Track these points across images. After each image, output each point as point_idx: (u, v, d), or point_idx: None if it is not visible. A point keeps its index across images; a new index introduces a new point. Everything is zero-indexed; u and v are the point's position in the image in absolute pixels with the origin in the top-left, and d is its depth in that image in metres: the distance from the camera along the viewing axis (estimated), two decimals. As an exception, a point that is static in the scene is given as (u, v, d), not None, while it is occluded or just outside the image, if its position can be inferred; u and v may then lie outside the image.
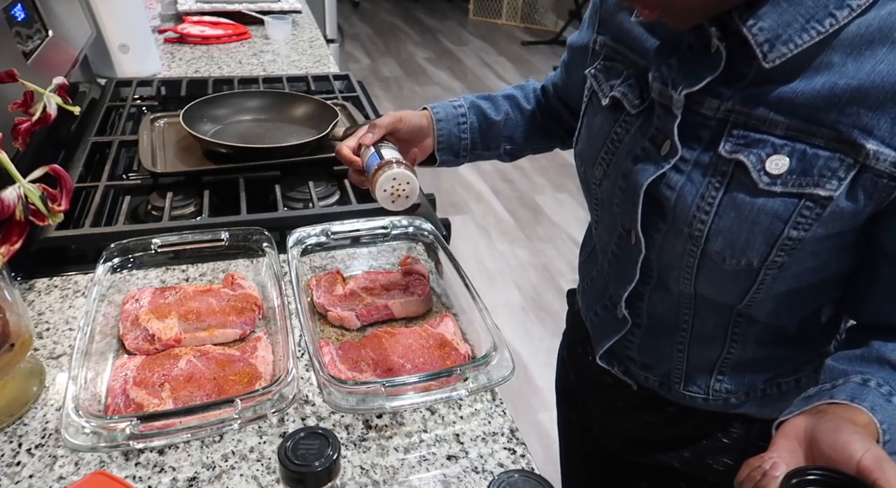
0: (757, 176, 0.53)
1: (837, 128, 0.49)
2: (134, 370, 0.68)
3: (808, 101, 0.50)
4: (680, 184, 0.58)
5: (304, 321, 0.72)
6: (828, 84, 0.49)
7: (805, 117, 0.51)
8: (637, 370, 0.75)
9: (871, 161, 0.49)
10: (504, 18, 6.28)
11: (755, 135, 0.53)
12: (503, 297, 2.48)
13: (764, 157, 0.52)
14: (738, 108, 0.54)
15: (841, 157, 0.50)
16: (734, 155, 0.54)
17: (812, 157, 0.51)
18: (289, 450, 0.43)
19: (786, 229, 0.54)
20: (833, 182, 0.50)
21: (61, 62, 1.16)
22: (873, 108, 0.48)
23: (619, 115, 0.65)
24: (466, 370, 0.66)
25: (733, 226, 0.56)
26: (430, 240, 0.92)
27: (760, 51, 0.50)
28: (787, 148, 0.52)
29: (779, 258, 0.55)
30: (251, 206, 0.96)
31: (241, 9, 2.03)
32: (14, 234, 0.63)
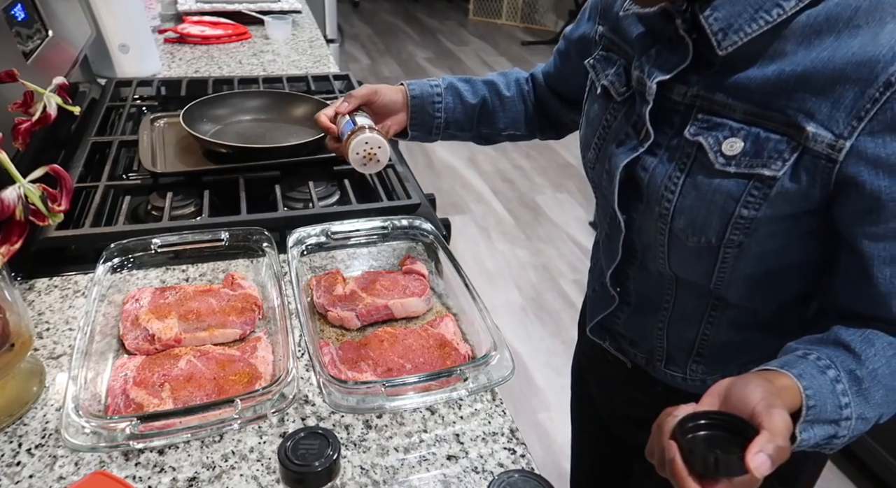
0: (713, 156, 0.57)
1: (786, 112, 0.53)
2: (134, 370, 0.67)
3: (761, 86, 0.54)
4: (653, 166, 0.63)
5: (304, 321, 0.72)
6: (777, 71, 0.53)
7: (759, 102, 0.54)
8: (627, 346, 0.80)
9: (811, 142, 0.52)
10: (504, 18, 6.28)
11: (716, 119, 0.57)
12: (503, 297, 2.48)
13: (721, 140, 0.56)
14: (703, 94, 0.58)
15: (788, 140, 0.53)
16: (696, 137, 0.58)
17: (764, 140, 0.54)
18: (289, 450, 0.43)
19: (737, 208, 0.57)
20: (778, 163, 0.54)
21: (61, 62, 1.16)
22: (816, 92, 0.51)
23: (609, 102, 0.69)
24: (466, 370, 0.66)
25: (693, 206, 0.60)
26: (430, 240, 0.92)
27: (715, 39, 0.54)
28: (743, 131, 0.56)
29: (734, 237, 0.59)
30: (251, 206, 0.96)
31: (241, 9, 2.03)
32: (14, 234, 0.63)
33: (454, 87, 0.91)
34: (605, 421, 0.95)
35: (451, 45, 5.59)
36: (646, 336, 0.76)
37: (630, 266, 0.73)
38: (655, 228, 0.64)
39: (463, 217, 2.98)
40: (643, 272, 0.72)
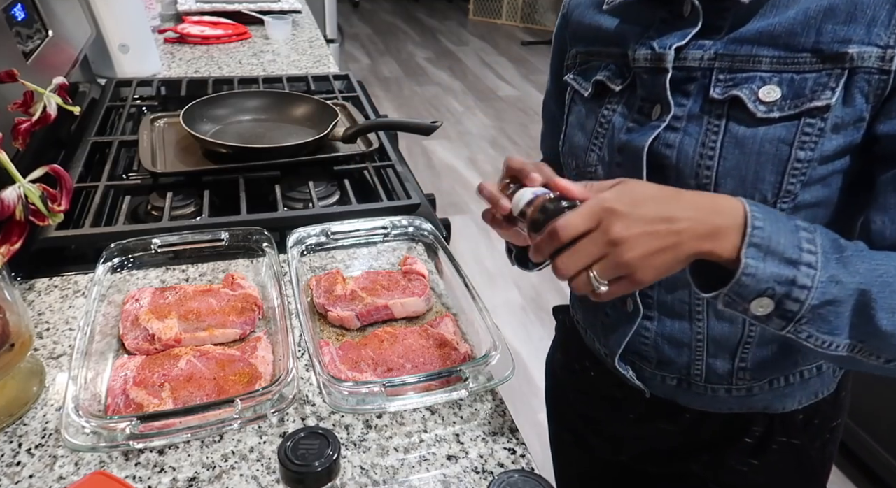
0: (753, 106, 0.55)
1: (818, 48, 0.53)
2: (134, 370, 0.67)
3: (787, 29, 0.54)
4: (678, 140, 0.60)
5: (304, 321, 0.72)
6: (800, 10, 0.53)
7: (786, 46, 0.54)
8: (653, 371, 0.72)
9: (858, 62, 0.52)
10: (504, 18, 6.28)
11: (742, 75, 0.56)
12: (503, 297, 2.48)
13: (756, 89, 0.55)
14: (722, 53, 0.57)
15: (828, 72, 0.53)
16: (727, 93, 0.56)
17: (801, 82, 0.54)
18: (289, 450, 0.43)
19: (793, 151, 0.55)
20: (826, 92, 0.53)
21: (61, 62, 1.16)
22: (846, 21, 0.52)
23: (604, 98, 0.67)
24: (466, 370, 0.66)
25: (740, 164, 0.56)
26: (430, 240, 0.92)
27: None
28: (776, 78, 0.55)
29: (791, 186, 0.56)
30: (251, 206, 0.96)
31: (241, 9, 2.03)
32: (14, 234, 0.63)
33: None
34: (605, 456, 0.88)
35: (451, 45, 5.59)
36: (681, 350, 0.69)
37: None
38: None
39: (463, 217, 2.98)
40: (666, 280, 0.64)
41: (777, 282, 0.47)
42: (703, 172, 0.58)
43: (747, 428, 0.73)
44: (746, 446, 0.73)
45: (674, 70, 0.59)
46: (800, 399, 0.71)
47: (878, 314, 0.48)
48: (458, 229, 2.85)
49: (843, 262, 0.49)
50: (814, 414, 0.72)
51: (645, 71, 0.61)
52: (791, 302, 0.48)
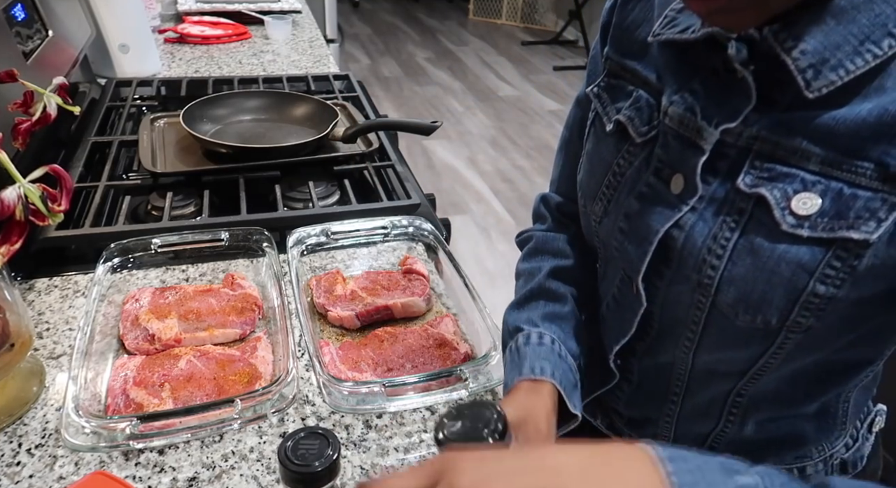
0: (780, 215, 0.45)
1: (884, 161, 0.41)
2: (134, 370, 0.68)
3: (852, 129, 0.42)
4: (690, 223, 0.50)
5: (304, 321, 0.72)
6: (876, 110, 0.41)
7: (846, 149, 0.42)
8: (622, 426, 0.70)
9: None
10: (504, 18, 6.28)
11: (782, 169, 0.45)
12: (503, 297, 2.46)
13: (791, 194, 0.44)
14: (765, 136, 0.46)
15: (884, 196, 0.41)
16: (755, 189, 0.46)
17: (849, 198, 0.42)
18: (289, 450, 0.43)
19: (811, 283, 0.45)
20: (871, 223, 0.42)
21: (61, 62, 1.16)
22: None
23: (623, 144, 0.56)
24: (466, 370, 0.66)
25: (748, 275, 0.47)
26: (430, 240, 0.92)
27: (803, 78, 0.42)
28: (821, 186, 0.43)
29: (802, 319, 0.47)
30: (251, 206, 0.96)
31: (241, 9, 2.03)
32: (14, 234, 0.63)
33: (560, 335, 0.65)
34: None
35: (451, 45, 5.59)
36: (649, 421, 0.65)
37: (639, 342, 0.61)
38: (690, 302, 0.52)
39: (463, 217, 2.98)
40: (652, 355, 0.60)
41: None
42: (707, 271, 0.49)
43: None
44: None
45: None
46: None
47: None
48: (458, 229, 2.85)
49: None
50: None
51: (676, 136, 0.50)
52: None
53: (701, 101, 0.48)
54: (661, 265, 0.53)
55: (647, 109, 0.54)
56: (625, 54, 0.58)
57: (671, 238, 0.51)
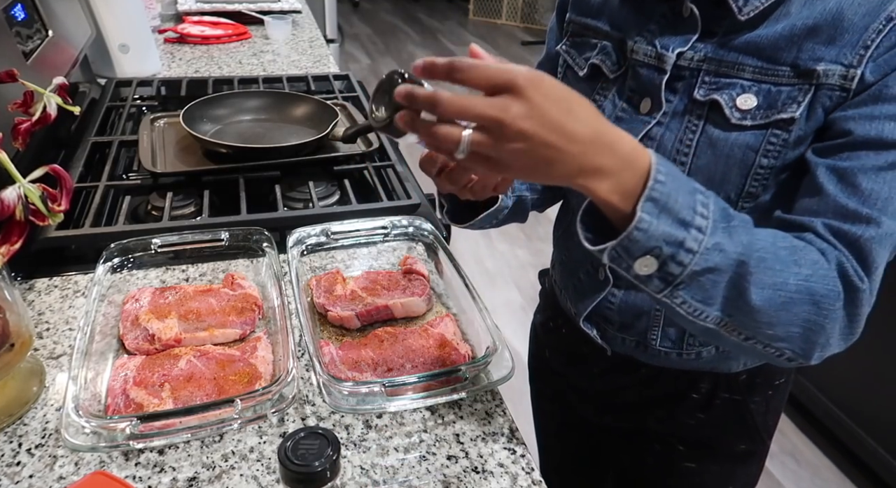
0: (729, 112, 0.60)
1: (796, 63, 0.57)
2: (134, 370, 0.68)
3: (772, 42, 0.58)
4: (660, 134, 0.65)
5: (304, 321, 0.72)
6: (787, 27, 0.57)
7: (769, 58, 0.58)
8: (615, 333, 0.79)
9: (823, 78, 0.56)
10: (504, 18, 6.28)
11: (725, 80, 0.60)
12: (503, 297, 2.47)
13: (734, 96, 0.60)
14: (711, 57, 0.61)
15: (799, 87, 0.57)
16: (708, 96, 0.61)
17: (776, 94, 0.58)
18: (289, 450, 0.43)
19: (757, 158, 0.60)
20: (794, 106, 0.57)
21: (61, 62, 1.16)
22: (825, 42, 0.56)
23: (597, 82, 0.71)
24: (466, 370, 0.66)
25: (710, 163, 0.62)
26: (430, 240, 0.92)
27: (736, 5, 0.58)
28: (755, 88, 0.59)
29: (753, 189, 0.61)
30: (251, 206, 0.96)
31: (241, 9, 2.03)
32: (14, 234, 0.63)
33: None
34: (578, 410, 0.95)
35: (451, 45, 5.59)
36: (640, 317, 0.75)
37: None
38: None
39: (463, 217, 2.97)
40: None
41: (666, 242, 0.46)
42: (678, 166, 0.62)
43: (695, 386, 0.80)
44: (694, 402, 0.80)
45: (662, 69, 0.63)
46: (745, 362, 0.78)
47: (751, 288, 0.49)
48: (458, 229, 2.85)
49: (729, 232, 0.49)
50: (756, 374, 0.79)
51: (642, 66, 0.65)
52: (674, 264, 0.47)
53: (658, 37, 0.63)
54: None
55: (614, 53, 0.69)
56: (585, 14, 0.73)
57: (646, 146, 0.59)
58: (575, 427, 1.01)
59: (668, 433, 0.84)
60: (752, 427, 0.82)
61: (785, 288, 0.50)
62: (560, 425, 1.05)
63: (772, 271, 0.50)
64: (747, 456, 0.85)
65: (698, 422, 0.81)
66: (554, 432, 1.09)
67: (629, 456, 0.92)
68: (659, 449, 0.86)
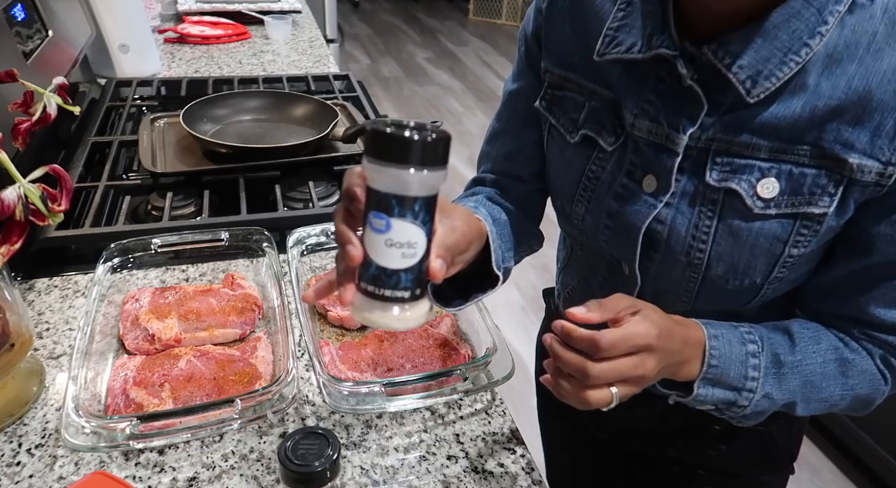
0: (751, 202, 0.54)
1: (819, 145, 0.51)
2: (134, 370, 0.68)
3: (790, 123, 0.51)
4: (670, 217, 0.58)
5: (304, 321, 0.72)
6: (808, 105, 0.51)
7: (787, 138, 0.52)
8: None
9: (857, 174, 0.50)
10: (504, 18, 6.28)
11: (740, 162, 0.54)
12: (503, 297, 2.47)
13: (754, 182, 0.54)
14: (720, 136, 0.54)
15: (827, 173, 0.51)
16: (724, 183, 0.55)
17: (799, 176, 0.52)
18: (289, 450, 0.43)
19: (786, 249, 0.55)
20: (825, 199, 0.52)
21: (61, 62, 1.16)
22: (852, 123, 0.50)
23: (592, 151, 0.63)
24: (466, 370, 0.66)
25: (733, 252, 0.57)
26: (430, 240, 0.92)
27: (743, 88, 0.51)
28: (774, 169, 0.53)
29: (781, 274, 0.58)
30: (251, 206, 0.96)
31: (241, 9, 2.03)
32: (14, 234, 0.63)
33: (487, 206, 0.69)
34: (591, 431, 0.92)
35: (451, 45, 5.59)
36: None
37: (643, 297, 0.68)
38: (682, 277, 0.61)
39: (463, 217, 2.97)
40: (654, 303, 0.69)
41: (721, 402, 0.56)
42: (696, 254, 0.58)
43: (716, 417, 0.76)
44: (716, 433, 0.78)
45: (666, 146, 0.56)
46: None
47: (798, 408, 0.59)
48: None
49: (779, 379, 0.56)
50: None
51: (647, 144, 0.58)
52: (730, 412, 0.58)
53: (661, 111, 0.56)
54: (650, 251, 0.62)
55: (608, 121, 0.61)
56: (566, 67, 0.64)
57: (655, 231, 0.60)
58: (586, 443, 0.98)
59: (689, 463, 0.82)
60: (775, 456, 0.80)
61: (831, 399, 0.58)
62: (570, 440, 1.02)
63: (818, 390, 0.57)
64: (771, 483, 0.84)
65: (720, 454, 0.79)
66: (564, 447, 1.05)
67: (645, 475, 0.90)
68: (679, 471, 0.84)
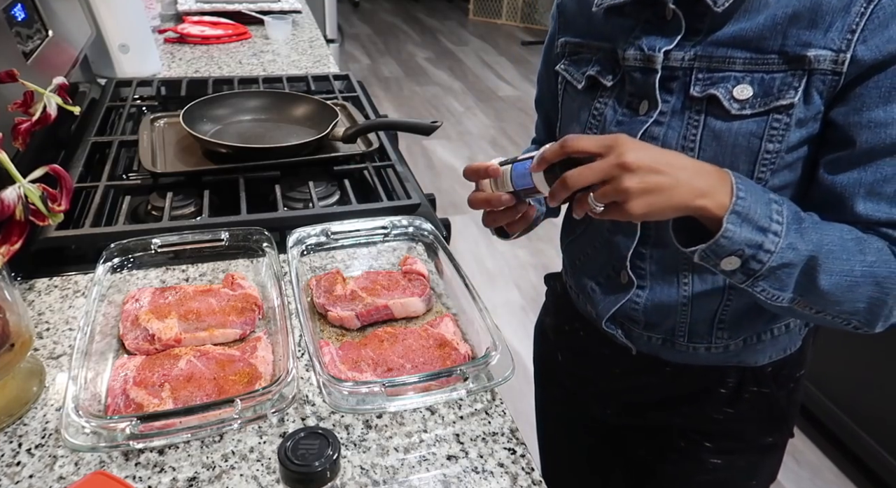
0: (728, 104, 0.62)
1: (784, 50, 0.60)
2: (134, 370, 0.68)
3: (757, 34, 0.61)
4: (662, 132, 0.67)
5: (304, 321, 0.72)
6: (769, 17, 0.60)
7: (756, 48, 0.61)
8: (640, 331, 0.79)
9: (815, 64, 0.59)
10: (504, 18, 6.28)
11: (718, 74, 0.63)
12: (503, 297, 2.47)
13: (731, 88, 0.62)
14: (701, 55, 0.64)
15: (792, 73, 0.60)
16: (706, 91, 0.63)
17: (770, 81, 0.61)
18: (289, 450, 0.43)
19: (762, 143, 0.62)
20: (791, 92, 0.60)
21: (61, 62, 1.16)
22: (808, 26, 0.59)
23: (596, 91, 0.73)
24: (466, 370, 0.66)
25: (717, 154, 0.64)
26: (430, 240, 0.92)
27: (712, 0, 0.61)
28: (748, 77, 0.62)
29: (762, 174, 0.64)
30: (251, 206, 0.96)
31: (241, 9, 2.03)
32: (14, 234, 0.63)
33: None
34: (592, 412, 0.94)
35: (451, 45, 5.59)
36: (668, 315, 0.76)
37: (644, 246, 0.74)
38: None
39: (463, 217, 2.98)
40: (659, 249, 0.73)
41: (747, 246, 0.56)
42: None
43: (722, 380, 0.80)
44: (722, 396, 0.81)
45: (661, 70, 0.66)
46: (770, 354, 0.79)
47: (820, 276, 0.58)
48: (458, 229, 2.85)
49: (801, 232, 0.58)
50: (782, 367, 0.81)
51: (635, 70, 0.68)
52: (755, 262, 0.57)
53: (644, 40, 0.66)
54: None
55: (609, 64, 0.72)
56: (576, 34, 0.77)
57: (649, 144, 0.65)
58: (584, 429, 1.00)
59: (693, 429, 0.84)
60: (779, 418, 0.83)
61: (851, 274, 0.58)
62: (568, 427, 1.05)
63: (839, 261, 0.58)
64: (773, 448, 0.86)
65: (726, 417, 0.81)
66: (562, 434, 1.08)
67: (649, 453, 0.91)
68: (684, 445, 0.86)
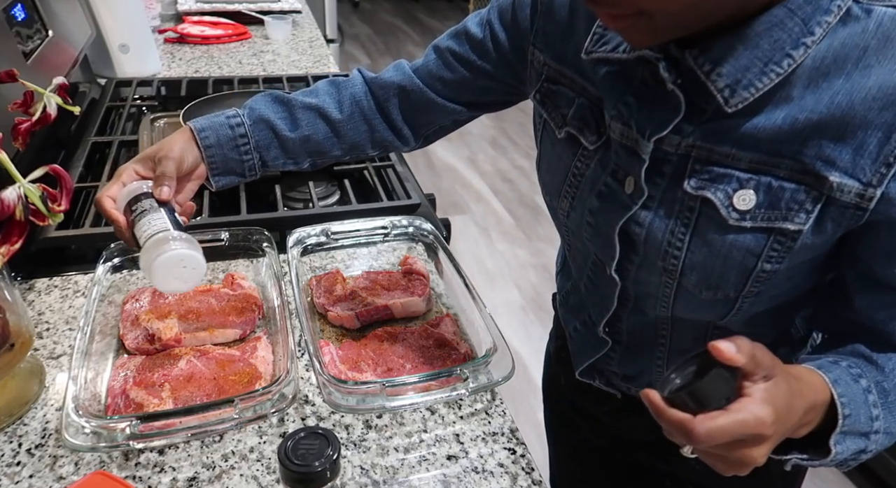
0: (726, 212, 0.52)
1: (800, 159, 0.49)
2: (134, 370, 0.68)
3: (771, 135, 0.50)
4: (648, 220, 0.57)
5: (304, 321, 0.72)
6: (788, 118, 0.49)
7: (768, 151, 0.50)
8: (619, 382, 0.76)
9: (836, 193, 0.49)
10: (504, 18, 6.28)
11: (719, 170, 0.52)
12: (503, 297, 2.48)
13: (731, 193, 0.52)
14: (700, 144, 0.53)
15: (806, 189, 0.50)
16: (700, 191, 0.53)
17: (778, 190, 0.51)
18: (289, 450, 0.43)
19: (759, 263, 0.54)
20: (801, 215, 0.50)
21: (61, 62, 1.16)
22: (834, 139, 0.48)
23: (577, 149, 0.63)
24: (466, 370, 0.66)
25: (706, 262, 0.55)
26: (430, 240, 0.92)
27: (721, 96, 0.49)
28: (753, 181, 0.51)
29: (755, 288, 0.56)
30: (251, 206, 0.96)
31: (241, 9, 2.03)
32: (14, 234, 0.63)
33: (265, 119, 0.75)
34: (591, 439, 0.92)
35: (451, 45, 5.58)
36: (643, 371, 0.73)
37: (622, 311, 0.68)
38: (659, 282, 0.60)
39: (463, 217, 2.98)
40: (637, 315, 0.68)
41: (851, 454, 0.51)
42: (671, 260, 0.57)
43: None
44: None
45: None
46: None
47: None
48: (458, 229, 2.85)
49: (889, 409, 0.52)
50: None
51: (620, 146, 0.57)
52: (849, 463, 0.52)
53: (635, 114, 0.55)
54: (630, 253, 0.61)
55: (592, 119, 0.61)
56: (561, 61, 0.64)
57: (633, 233, 0.59)
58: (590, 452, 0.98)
59: (682, 477, 0.81)
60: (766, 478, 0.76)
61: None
62: (576, 449, 1.02)
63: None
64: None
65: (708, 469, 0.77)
66: (570, 455, 1.05)
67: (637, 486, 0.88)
68: (670, 485, 0.82)
